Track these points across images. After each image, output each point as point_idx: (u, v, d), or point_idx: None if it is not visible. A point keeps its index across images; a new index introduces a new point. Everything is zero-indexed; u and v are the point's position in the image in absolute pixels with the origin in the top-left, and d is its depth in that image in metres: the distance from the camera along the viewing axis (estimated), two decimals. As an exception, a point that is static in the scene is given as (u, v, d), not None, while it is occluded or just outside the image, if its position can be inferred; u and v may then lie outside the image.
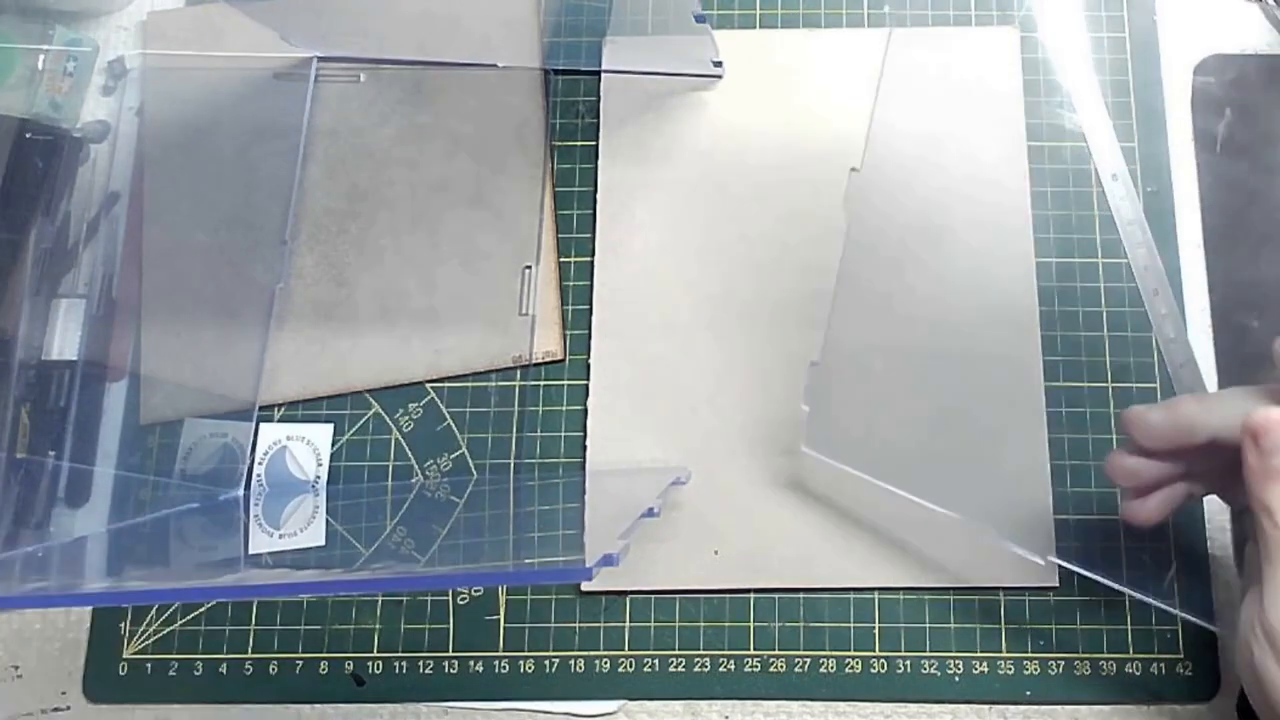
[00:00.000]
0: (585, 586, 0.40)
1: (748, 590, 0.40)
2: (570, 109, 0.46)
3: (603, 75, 0.46)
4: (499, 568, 0.39)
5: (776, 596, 0.40)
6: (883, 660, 0.39)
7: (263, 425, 0.43)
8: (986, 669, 0.39)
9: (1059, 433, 0.41)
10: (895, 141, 0.44)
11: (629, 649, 0.40)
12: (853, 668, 0.39)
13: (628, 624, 0.40)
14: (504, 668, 0.40)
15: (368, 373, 0.43)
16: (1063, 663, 0.39)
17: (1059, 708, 0.39)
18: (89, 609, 0.41)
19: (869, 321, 0.42)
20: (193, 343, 0.44)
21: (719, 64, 0.45)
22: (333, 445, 0.43)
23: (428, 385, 0.43)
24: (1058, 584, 0.39)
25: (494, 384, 0.43)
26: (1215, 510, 0.40)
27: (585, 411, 0.42)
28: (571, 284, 0.44)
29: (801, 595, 0.40)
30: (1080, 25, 0.46)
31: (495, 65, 0.46)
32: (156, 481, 0.42)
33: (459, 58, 0.46)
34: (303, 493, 0.42)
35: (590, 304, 0.43)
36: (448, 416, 0.43)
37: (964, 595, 0.40)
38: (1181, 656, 0.39)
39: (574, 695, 0.40)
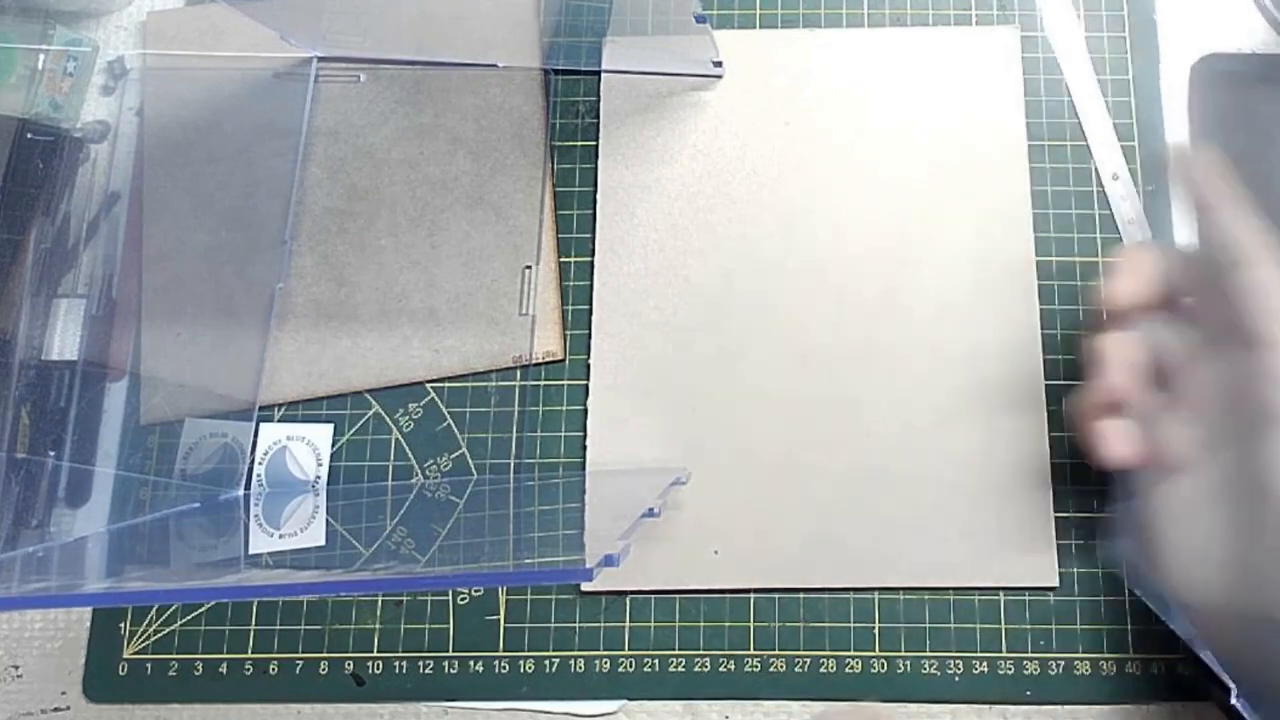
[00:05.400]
0: (585, 587, 0.40)
1: (748, 590, 0.40)
2: (570, 109, 0.46)
3: (603, 75, 0.46)
4: (499, 568, 0.39)
5: (776, 596, 0.40)
6: (883, 660, 0.39)
7: (263, 425, 0.43)
8: (986, 669, 0.39)
9: (1059, 432, 0.41)
10: (894, 141, 0.44)
11: (629, 649, 0.40)
12: (853, 668, 0.39)
13: (628, 624, 0.40)
14: (504, 668, 0.40)
15: (368, 373, 0.43)
16: (1063, 663, 0.39)
17: (1059, 708, 0.39)
18: (89, 609, 0.41)
19: (867, 318, 0.42)
20: (193, 343, 0.44)
21: (719, 64, 0.45)
22: (333, 445, 0.43)
23: (428, 385, 0.43)
24: (1058, 584, 0.40)
25: (494, 384, 0.43)
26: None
27: (585, 411, 0.42)
28: (571, 284, 0.44)
29: (801, 595, 0.40)
30: (1080, 25, 0.46)
31: (495, 65, 0.46)
32: (156, 481, 0.42)
33: (459, 58, 0.46)
34: (303, 493, 0.42)
35: (590, 304, 0.43)
36: (448, 416, 0.43)
37: (964, 595, 0.40)
38: (1181, 656, 0.39)
39: (574, 695, 0.40)
